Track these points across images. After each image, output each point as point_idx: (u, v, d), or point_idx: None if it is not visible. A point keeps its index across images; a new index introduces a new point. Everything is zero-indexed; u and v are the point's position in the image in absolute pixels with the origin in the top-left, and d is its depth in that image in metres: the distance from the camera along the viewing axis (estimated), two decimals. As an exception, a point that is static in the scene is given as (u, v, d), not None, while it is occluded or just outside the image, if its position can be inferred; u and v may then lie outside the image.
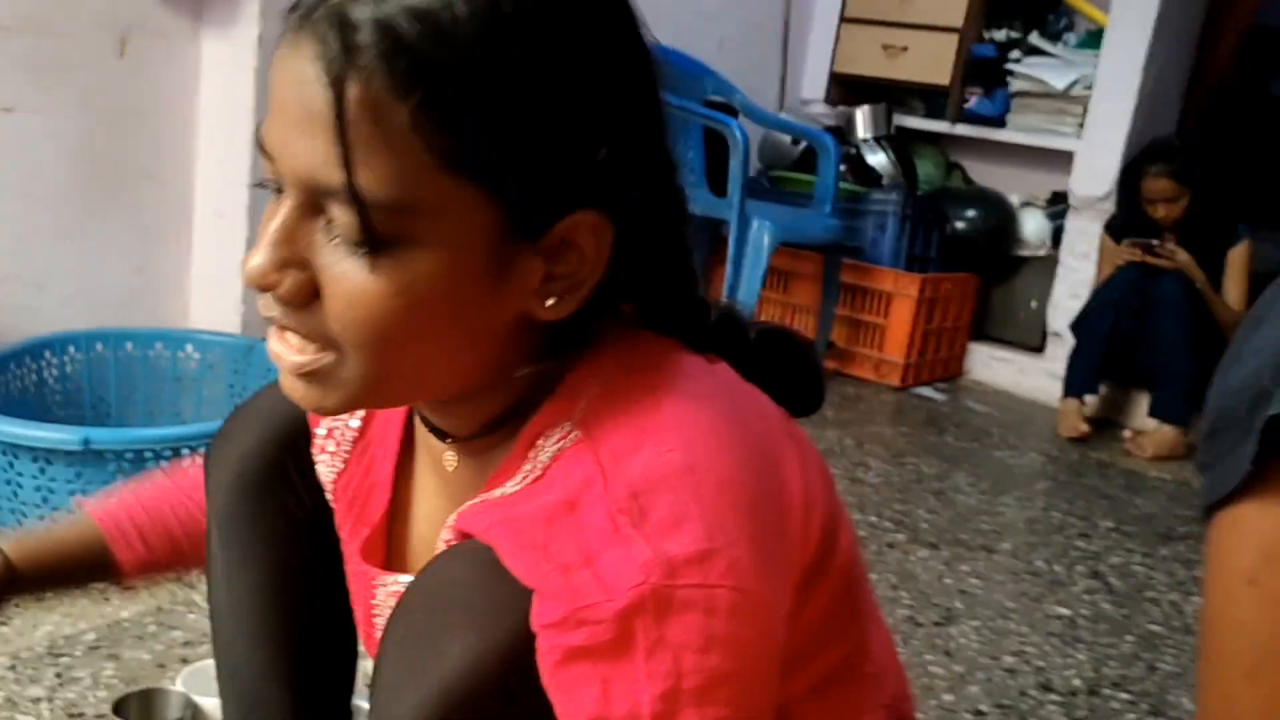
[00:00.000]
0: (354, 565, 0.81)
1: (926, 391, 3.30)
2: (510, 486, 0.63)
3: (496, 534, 0.59)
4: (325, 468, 0.81)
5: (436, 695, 0.58)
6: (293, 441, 0.83)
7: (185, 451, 1.63)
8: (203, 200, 2.15)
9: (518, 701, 0.58)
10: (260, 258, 0.58)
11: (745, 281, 2.82)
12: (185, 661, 1.46)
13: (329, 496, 0.82)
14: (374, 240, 0.56)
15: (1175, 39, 3.24)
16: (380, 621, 0.78)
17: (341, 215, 0.56)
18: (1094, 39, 3.30)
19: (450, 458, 0.71)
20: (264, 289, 0.59)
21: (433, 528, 0.74)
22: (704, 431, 0.60)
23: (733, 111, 3.07)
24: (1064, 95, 3.30)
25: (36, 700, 1.36)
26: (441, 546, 0.68)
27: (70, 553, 0.92)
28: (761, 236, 2.80)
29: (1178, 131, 3.36)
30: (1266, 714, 0.65)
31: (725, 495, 0.57)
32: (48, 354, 1.91)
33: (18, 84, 1.87)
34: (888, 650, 0.79)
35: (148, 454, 1.61)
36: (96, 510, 0.93)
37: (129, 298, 2.11)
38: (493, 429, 0.67)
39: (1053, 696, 1.64)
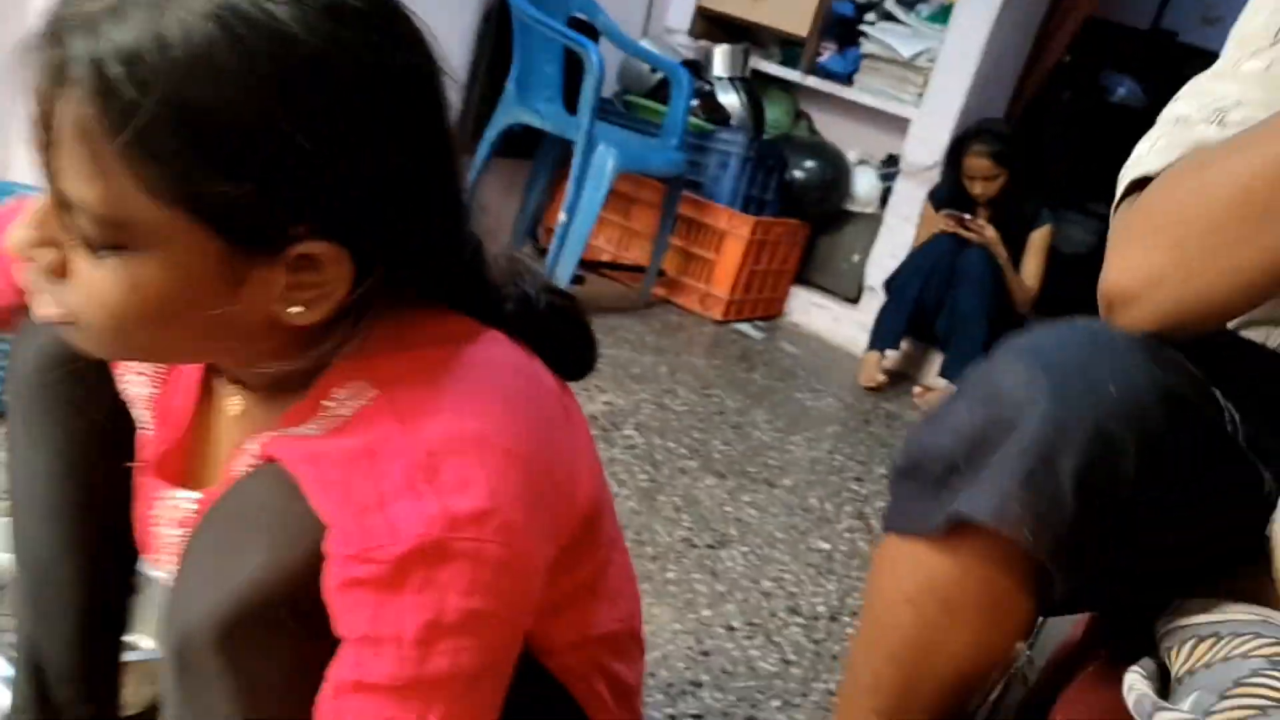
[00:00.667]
0: (143, 476, 0.87)
1: (745, 328, 3.48)
2: (311, 428, 0.70)
3: (303, 468, 0.67)
4: (138, 387, 0.87)
5: (232, 599, 0.67)
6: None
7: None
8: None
9: (303, 612, 0.68)
10: (19, 234, 0.65)
11: (584, 203, 2.91)
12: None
13: (140, 410, 0.88)
14: (99, 244, 0.62)
15: (1017, 24, 3.44)
16: (158, 530, 0.86)
17: (74, 217, 0.63)
18: (944, 14, 3.47)
19: (236, 402, 0.79)
20: (24, 261, 0.66)
21: (224, 450, 0.82)
22: (496, 404, 0.69)
23: (595, 32, 3.11)
24: (908, 64, 3.47)
25: None
26: (242, 468, 0.76)
27: None
28: (605, 161, 2.88)
29: (1006, 113, 3.58)
30: (902, 694, 0.83)
31: (508, 463, 0.66)
32: None
33: None
34: (625, 575, 0.92)
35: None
36: None
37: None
38: (282, 389, 0.74)
39: (798, 619, 1.84)
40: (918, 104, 3.47)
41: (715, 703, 1.56)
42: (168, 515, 0.84)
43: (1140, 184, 0.82)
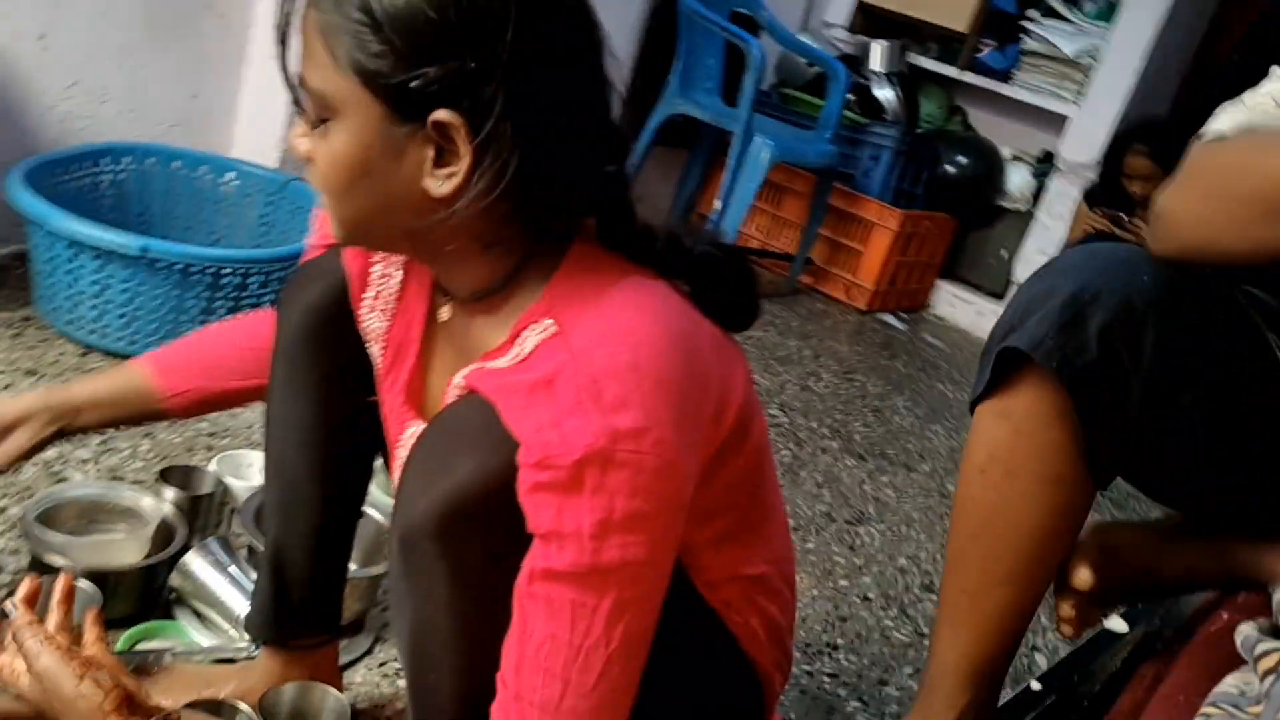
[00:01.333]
0: (391, 405, 1.04)
1: (889, 318, 3.55)
2: (503, 362, 0.86)
3: (497, 396, 0.83)
4: (377, 321, 1.05)
5: (447, 496, 0.83)
6: (345, 301, 1.06)
7: (226, 271, 1.86)
8: (258, 40, 2.32)
9: (503, 511, 0.84)
10: (294, 133, 0.85)
11: (739, 191, 3.03)
12: (210, 449, 1.72)
13: (376, 346, 1.05)
14: (313, 119, 0.81)
15: (1185, 23, 3.40)
16: (401, 453, 1.03)
17: (304, 103, 0.82)
18: (1109, 11, 3.45)
19: (445, 311, 0.95)
20: (295, 152, 0.86)
21: (441, 379, 0.98)
22: (647, 337, 0.82)
23: (755, 25, 3.22)
24: (1070, 61, 3.46)
25: (84, 461, 1.62)
26: (452, 395, 0.92)
27: (121, 393, 1.19)
28: (761, 152, 2.99)
29: (1169, 113, 3.54)
30: (982, 568, 0.98)
31: (659, 388, 0.79)
32: (105, 160, 2.11)
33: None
34: (781, 523, 1.04)
35: (194, 268, 1.83)
36: (146, 359, 1.20)
37: (181, 120, 2.30)
38: (482, 297, 0.89)
39: (931, 596, 1.94)
40: (1077, 102, 3.46)
41: (850, 664, 1.67)
42: (409, 441, 1.01)
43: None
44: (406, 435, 1.01)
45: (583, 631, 0.81)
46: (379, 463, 1.16)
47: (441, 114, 0.79)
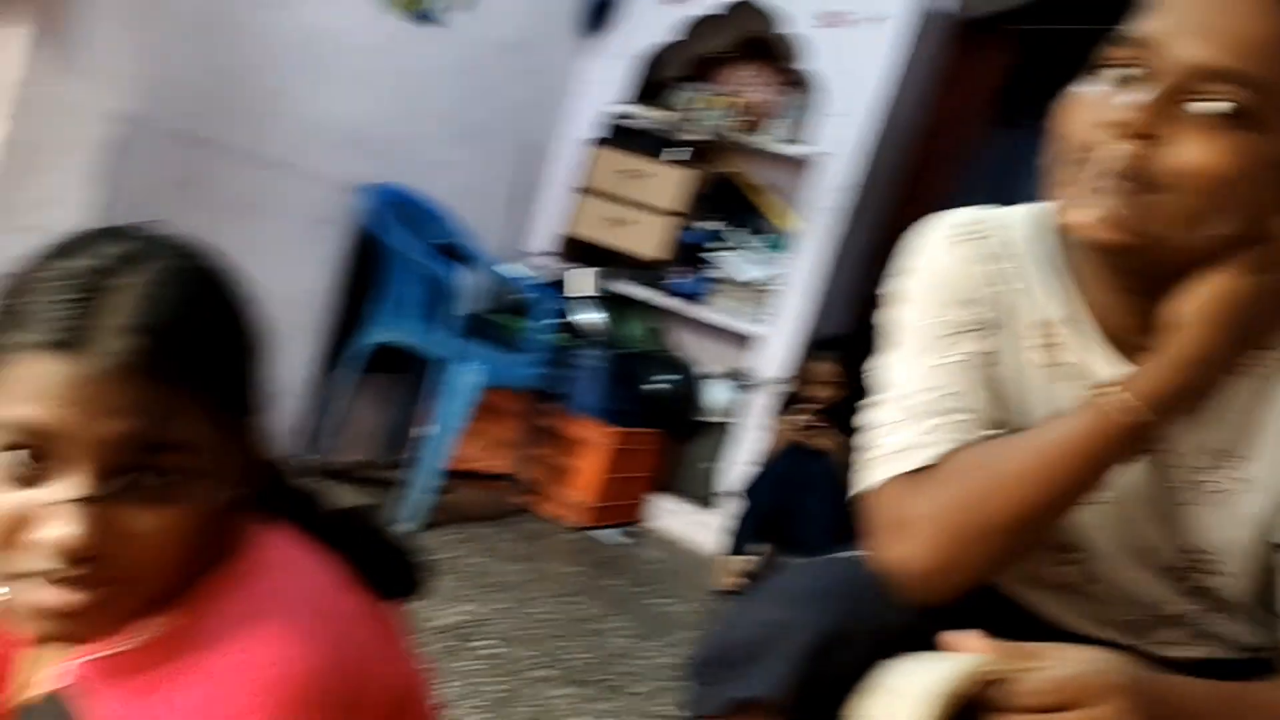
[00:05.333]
0: None
1: (607, 535, 3.60)
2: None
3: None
4: None
5: None
6: None
7: None
8: None
9: None
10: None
11: (448, 416, 3.04)
12: None
13: None
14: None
15: (849, 253, 3.80)
16: None
17: None
18: (780, 242, 3.82)
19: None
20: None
21: None
22: (298, 629, 0.76)
23: (461, 255, 3.32)
24: (751, 286, 3.78)
25: None
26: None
27: None
28: (467, 377, 3.03)
29: (852, 326, 3.89)
30: None
31: (303, 689, 0.73)
32: None
33: None
34: None
35: None
36: None
37: None
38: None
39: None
40: (763, 321, 3.75)
41: None
42: None
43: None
44: None
45: None
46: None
47: None
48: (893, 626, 0.90)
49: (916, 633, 0.87)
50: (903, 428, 0.98)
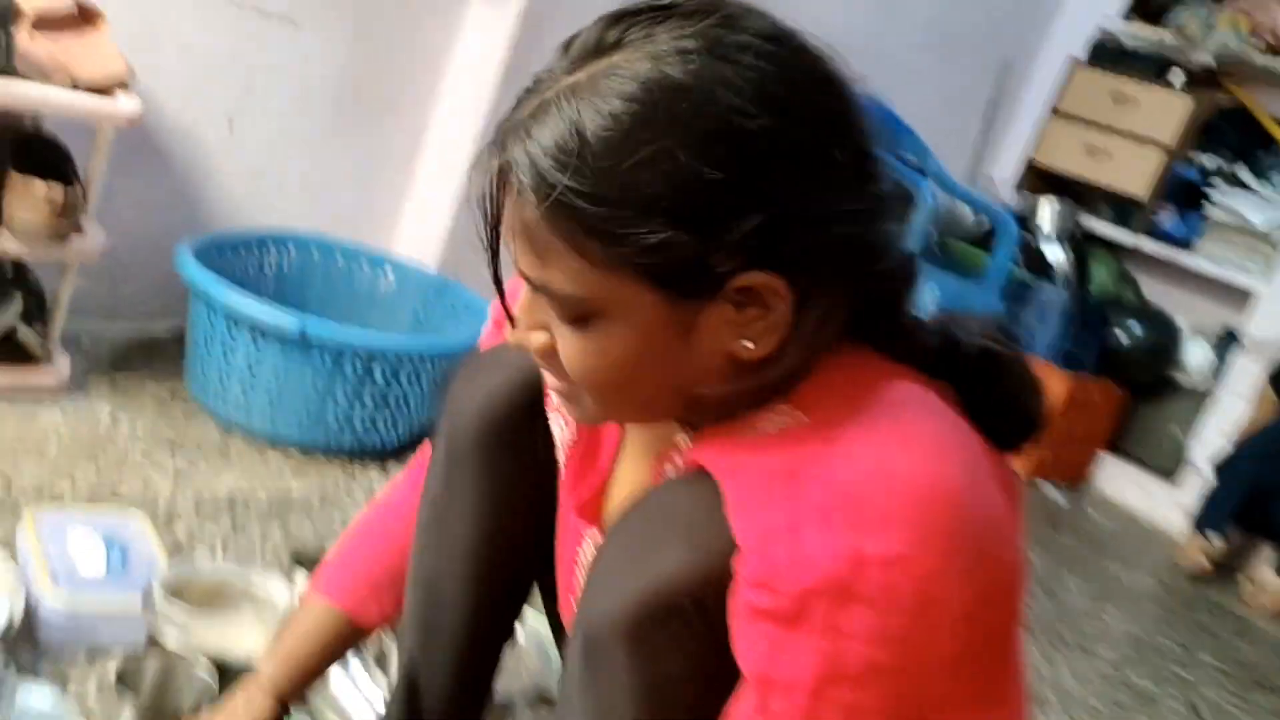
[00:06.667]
0: (569, 518, 0.89)
1: (1048, 489, 3.29)
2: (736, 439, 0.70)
3: (727, 477, 0.67)
4: (558, 427, 0.91)
5: (646, 591, 0.68)
6: (535, 393, 0.91)
7: (378, 361, 1.78)
8: (432, 143, 2.31)
9: (708, 618, 0.67)
10: (516, 329, 0.73)
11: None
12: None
13: (559, 452, 0.91)
14: (569, 318, 0.68)
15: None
16: (580, 574, 0.88)
17: (549, 299, 0.69)
18: (1303, 185, 3.26)
19: (683, 439, 0.78)
20: (523, 348, 0.73)
21: (627, 492, 0.83)
22: (930, 445, 0.66)
23: (922, 174, 3.13)
24: (1258, 234, 3.26)
25: (214, 543, 1.52)
26: (669, 472, 0.78)
27: (331, 654, 1.02)
28: (924, 297, 2.85)
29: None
30: None
31: (941, 508, 0.62)
32: (272, 246, 2.09)
33: (304, 2, 2.06)
34: (1024, 690, 0.82)
35: (346, 354, 1.76)
36: (342, 599, 1.02)
37: (348, 213, 2.29)
38: (724, 419, 0.73)
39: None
40: (1266, 276, 3.24)
41: None
42: (588, 559, 0.86)
43: None
44: (583, 551, 0.87)
45: None
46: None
47: (750, 277, 0.65)
48: None
49: None
50: None
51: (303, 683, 1.00)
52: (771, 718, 0.63)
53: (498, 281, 0.74)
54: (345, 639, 1.02)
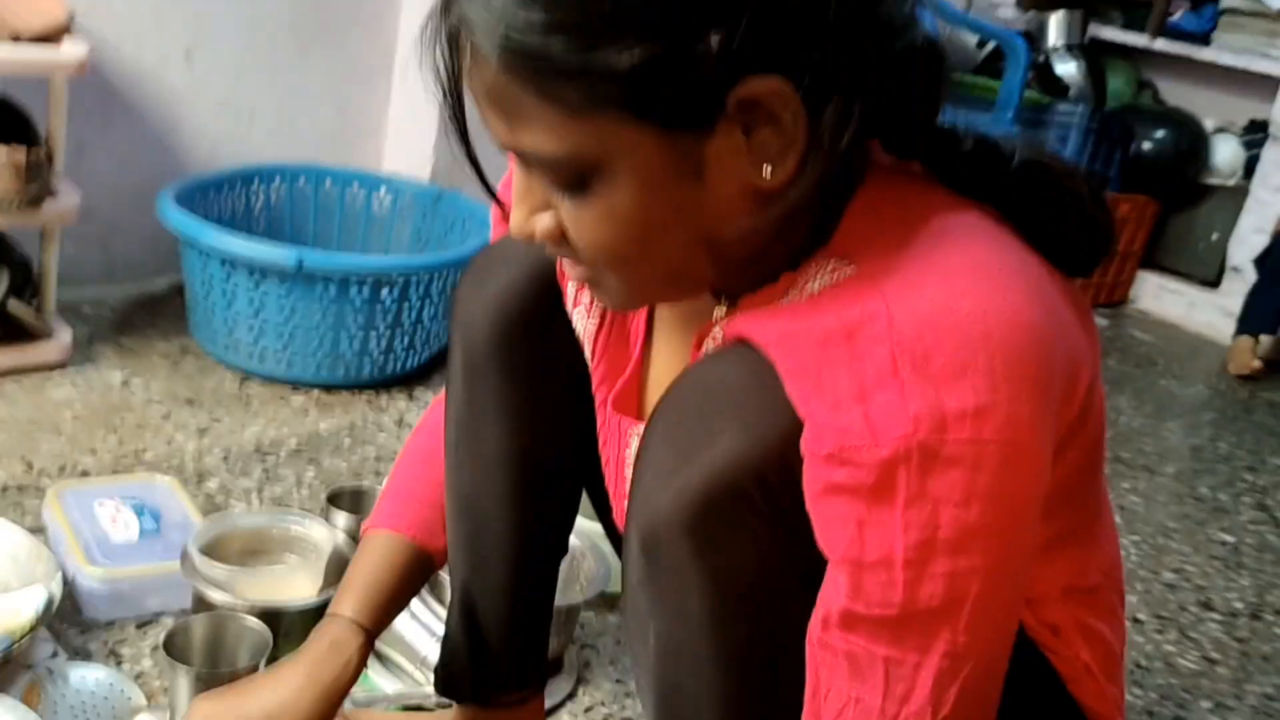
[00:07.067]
0: (607, 416, 0.82)
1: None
2: (778, 304, 0.63)
3: (775, 350, 0.60)
4: (582, 320, 0.84)
5: (703, 480, 0.61)
6: (550, 286, 0.84)
7: (385, 283, 1.71)
8: (403, 52, 2.20)
9: (773, 499, 0.61)
10: (515, 216, 0.64)
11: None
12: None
13: (585, 348, 0.84)
14: (565, 185, 0.60)
15: None
16: (629, 474, 0.81)
17: (535, 172, 0.61)
18: (1322, -44, 3.07)
19: (720, 312, 0.71)
20: (529, 238, 0.65)
21: (667, 379, 0.76)
22: (994, 276, 0.59)
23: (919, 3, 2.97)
24: (1278, 15, 3.09)
25: (247, 490, 1.48)
26: (709, 347, 0.71)
27: (409, 586, 0.95)
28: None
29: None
30: None
31: (1015, 345, 0.56)
32: (256, 182, 2.01)
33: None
34: (1110, 521, 0.79)
35: (352, 280, 1.69)
36: (407, 527, 0.95)
37: (329, 136, 2.19)
38: (762, 287, 0.66)
39: (1213, 615, 1.63)
40: (1291, 60, 3.09)
41: (1135, 699, 1.39)
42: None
43: None
44: (631, 452, 0.80)
45: (899, 698, 0.58)
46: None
47: (748, 86, 0.56)
48: None
49: None
50: None
51: (385, 619, 0.94)
52: (867, 601, 0.57)
53: (473, 161, 0.66)
54: (419, 568, 0.96)
